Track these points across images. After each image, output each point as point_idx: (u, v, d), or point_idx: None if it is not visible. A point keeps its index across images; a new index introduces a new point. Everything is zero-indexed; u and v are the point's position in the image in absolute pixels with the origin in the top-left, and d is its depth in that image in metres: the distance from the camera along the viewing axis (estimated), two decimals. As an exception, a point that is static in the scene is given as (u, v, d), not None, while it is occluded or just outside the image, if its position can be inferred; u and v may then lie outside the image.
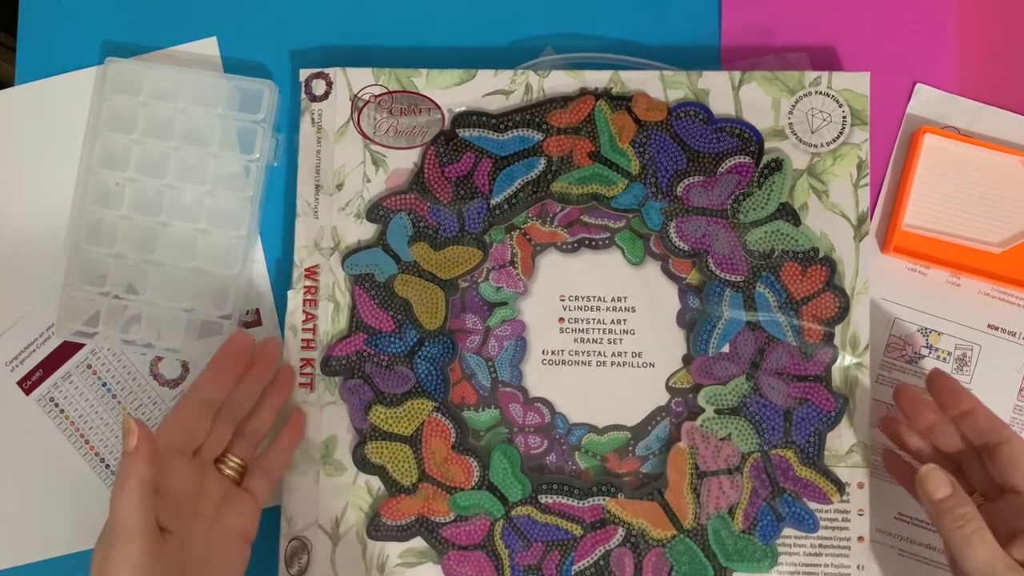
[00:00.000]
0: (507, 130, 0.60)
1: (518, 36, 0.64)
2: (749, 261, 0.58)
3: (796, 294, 0.58)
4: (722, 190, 0.58)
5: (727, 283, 0.58)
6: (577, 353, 0.59)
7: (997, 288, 0.60)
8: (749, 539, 0.57)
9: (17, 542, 0.62)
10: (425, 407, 0.58)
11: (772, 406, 0.57)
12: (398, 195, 0.60)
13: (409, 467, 0.58)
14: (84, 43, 0.65)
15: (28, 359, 0.62)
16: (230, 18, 0.65)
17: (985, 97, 0.62)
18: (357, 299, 0.59)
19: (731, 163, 0.59)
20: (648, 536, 0.57)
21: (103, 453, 0.62)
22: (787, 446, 0.57)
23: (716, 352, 0.58)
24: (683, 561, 0.57)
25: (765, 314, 0.58)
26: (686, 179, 0.59)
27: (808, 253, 0.58)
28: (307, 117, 0.61)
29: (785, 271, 0.58)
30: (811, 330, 0.58)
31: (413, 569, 0.58)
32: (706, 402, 0.58)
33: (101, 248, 0.61)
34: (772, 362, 0.57)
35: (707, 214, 0.59)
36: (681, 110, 0.59)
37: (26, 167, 0.63)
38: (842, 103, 0.59)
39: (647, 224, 0.59)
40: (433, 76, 0.61)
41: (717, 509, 0.57)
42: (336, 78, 0.61)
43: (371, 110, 0.60)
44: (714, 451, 0.57)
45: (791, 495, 0.57)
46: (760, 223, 0.58)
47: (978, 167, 0.60)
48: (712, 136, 0.59)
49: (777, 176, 0.58)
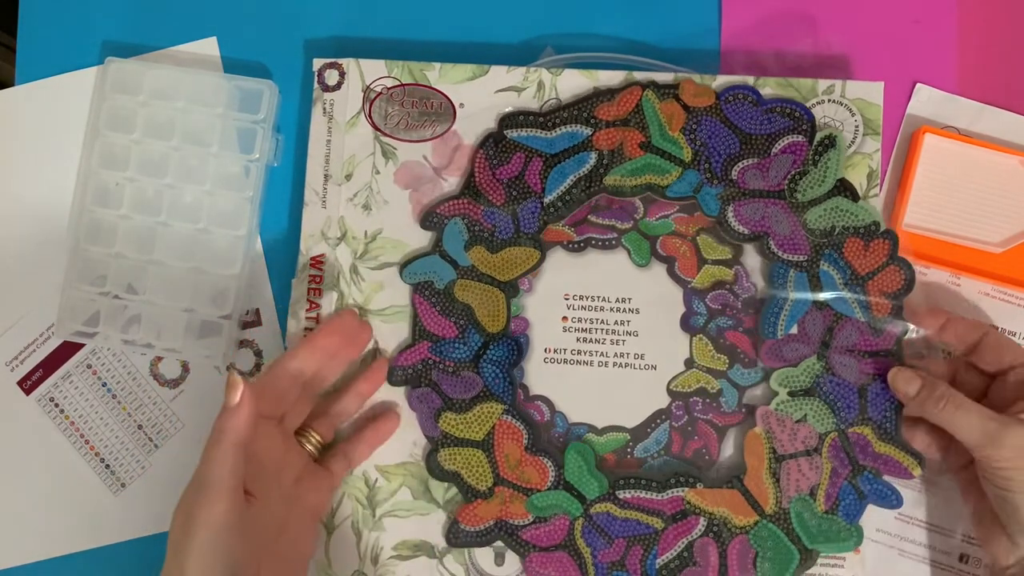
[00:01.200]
0: (555, 127, 0.60)
1: (520, 34, 0.64)
2: (810, 240, 0.58)
3: (860, 269, 0.57)
4: (777, 171, 0.59)
5: (790, 264, 0.58)
6: (579, 352, 0.59)
7: (997, 288, 0.60)
8: (833, 519, 0.56)
9: (17, 542, 0.62)
10: (495, 410, 0.58)
11: (845, 384, 0.57)
12: (451, 201, 0.60)
13: (484, 472, 0.58)
14: (84, 43, 0.65)
15: (28, 359, 0.62)
16: (230, 18, 0.65)
17: (985, 97, 0.62)
18: (418, 307, 0.59)
19: (784, 143, 0.59)
20: (730, 524, 0.57)
21: (103, 453, 0.62)
22: (864, 423, 0.57)
23: (784, 334, 0.58)
24: (768, 547, 0.56)
25: (831, 292, 0.58)
26: (740, 162, 0.59)
27: (869, 228, 0.58)
28: (318, 106, 0.61)
29: (848, 247, 0.58)
30: (879, 304, 0.57)
31: (407, 562, 0.58)
32: (779, 385, 0.58)
33: (101, 248, 0.61)
34: (842, 340, 0.57)
35: (764, 196, 0.59)
36: (729, 94, 0.59)
37: (26, 167, 0.63)
38: (855, 112, 0.59)
39: (704, 210, 0.59)
40: (446, 70, 0.61)
41: (798, 492, 0.57)
42: (349, 69, 0.61)
43: (383, 102, 0.61)
44: (791, 434, 0.57)
45: (872, 472, 0.57)
46: (818, 201, 0.58)
47: (978, 167, 0.60)
48: (763, 117, 0.59)
49: (832, 152, 0.58)
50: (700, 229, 0.59)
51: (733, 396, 0.59)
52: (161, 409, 0.62)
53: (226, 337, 0.60)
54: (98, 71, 0.63)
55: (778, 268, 0.58)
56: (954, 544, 0.59)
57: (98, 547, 0.61)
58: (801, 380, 0.57)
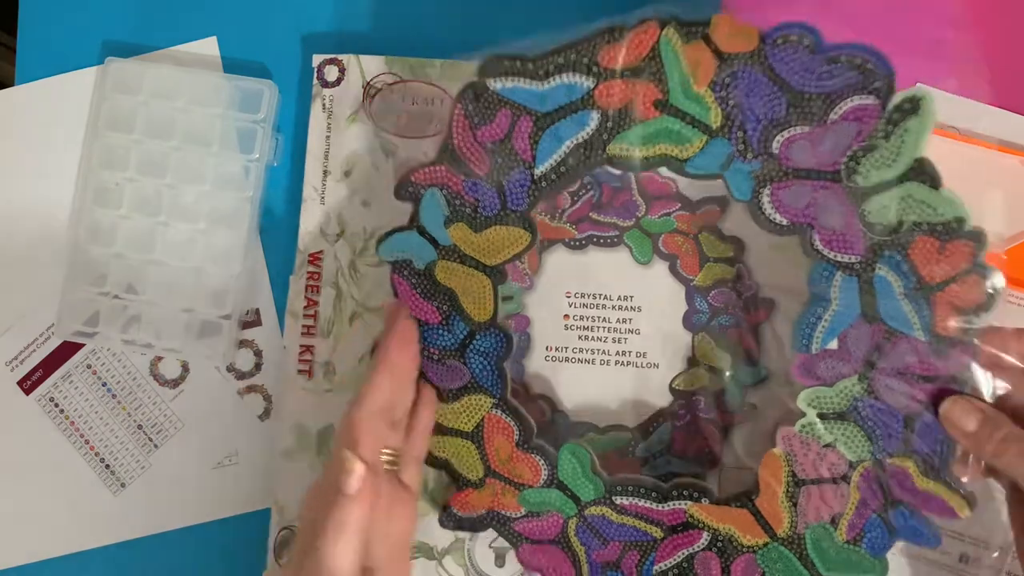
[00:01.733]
0: (548, 76, 0.49)
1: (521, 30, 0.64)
2: (868, 236, 0.47)
3: (930, 277, 0.46)
4: (835, 144, 0.47)
5: (838, 264, 0.48)
6: (581, 351, 0.59)
7: (998, 287, 0.60)
8: (854, 550, 0.50)
9: (17, 542, 0.61)
10: (483, 403, 0.54)
11: (889, 411, 0.48)
12: (427, 168, 0.52)
13: (474, 463, 0.54)
14: (84, 43, 0.64)
15: (28, 359, 0.62)
16: (230, 18, 0.65)
17: (985, 97, 0.62)
18: (398, 288, 0.53)
19: (848, 106, 0.46)
20: (736, 542, 0.52)
21: (103, 453, 0.62)
22: (906, 455, 0.49)
23: (821, 348, 0.49)
24: (776, 569, 0.51)
25: (887, 302, 0.47)
26: (786, 131, 0.47)
27: (950, 225, 0.46)
28: (318, 103, 0.61)
29: (917, 248, 0.46)
30: (947, 322, 0.47)
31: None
32: (807, 405, 0.50)
33: (101, 248, 0.61)
34: (893, 360, 0.48)
35: (813, 177, 0.47)
36: (779, 34, 0.46)
37: (26, 167, 0.63)
38: None
39: (733, 193, 0.48)
40: (447, 67, 0.60)
41: (818, 519, 0.50)
42: (349, 65, 0.61)
43: (383, 98, 0.60)
44: (815, 459, 0.50)
45: (907, 507, 0.49)
46: (885, 187, 0.46)
47: (978, 167, 0.60)
48: (822, 70, 0.46)
49: (913, 122, 0.46)
50: (702, 227, 0.59)
51: (736, 395, 0.59)
52: (161, 409, 0.62)
53: (226, 337, 0.60)
54: (98, 71, 0.63)
55: (821, 269, 0.48)
56: (954, 544, 0.59)
57: (98, 547, 0.61)
58: (835, 403, 0.49)
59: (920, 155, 0.46)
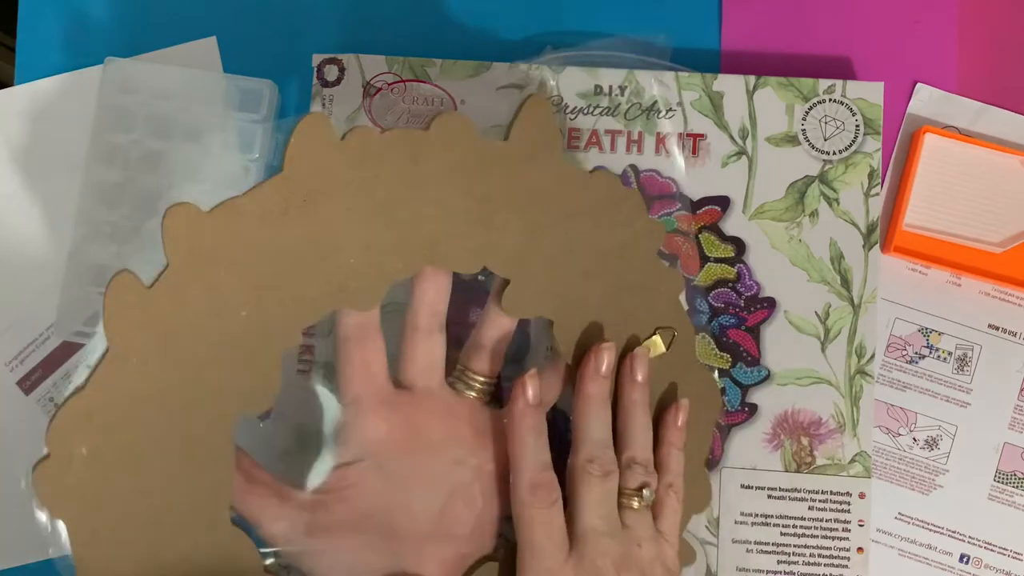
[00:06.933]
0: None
1: (521, 31, 0.64)
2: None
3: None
4: None
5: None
6: (581, 350, 0.59)
7: (998, 288, 0.60)
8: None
9: (17, 542, 0.61)
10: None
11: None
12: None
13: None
14: (84, 43, 0.64)
15: (28, 359, 0.62)
16: (230, 18, 0.65)
17: (985, 97, 0.62)
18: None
19: None
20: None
21: (103, 453, 0.62)
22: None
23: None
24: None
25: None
26: None
27: None
28: (318, 103, 0.61)
29: None
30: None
31: None
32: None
33: (101, 248, 0.61)
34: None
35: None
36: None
37: (26, 167, 0.63)
38: (855, 112, 0.59)
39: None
40: (447, 67, 0.60)
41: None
42: (349, 64, 0.61)
43: (383, 98, 0.60)
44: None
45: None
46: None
47: (978, 167, 0.61)
48: None
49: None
50: (702, 227, 0.59)
51: (736, 395, 0.59)
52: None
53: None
54: (98, 71, 0.63)
55: None
56: (955, 544, 0.59)
57: (98, 547, 0.61)
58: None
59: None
